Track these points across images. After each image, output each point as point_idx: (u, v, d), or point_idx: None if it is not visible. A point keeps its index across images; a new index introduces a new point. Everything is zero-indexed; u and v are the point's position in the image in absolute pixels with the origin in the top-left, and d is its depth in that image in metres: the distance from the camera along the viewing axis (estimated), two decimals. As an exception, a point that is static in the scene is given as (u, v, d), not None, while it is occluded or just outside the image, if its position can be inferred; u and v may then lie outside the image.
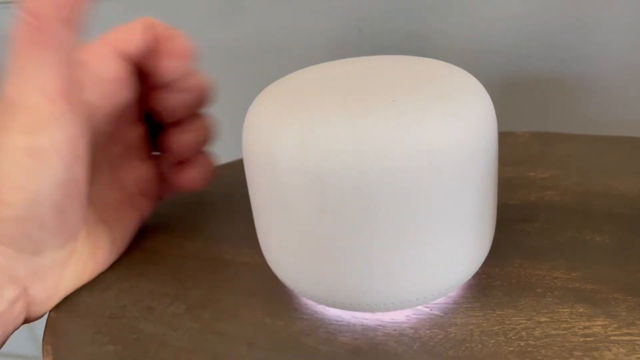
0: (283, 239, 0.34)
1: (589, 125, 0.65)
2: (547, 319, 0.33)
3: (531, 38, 0.62)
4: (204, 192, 0.52)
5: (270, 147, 0.32)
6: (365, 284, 0.33)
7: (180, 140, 0.45)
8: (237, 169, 0.41)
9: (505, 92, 0.65)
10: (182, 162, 0.46)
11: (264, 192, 0.33)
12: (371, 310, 0.34)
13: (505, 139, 0.55)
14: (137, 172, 0.46)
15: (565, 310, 0.34)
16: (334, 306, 0.35)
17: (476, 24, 0.63)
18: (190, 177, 0.46)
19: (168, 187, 0.48)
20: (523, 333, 0.33)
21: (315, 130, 0.30)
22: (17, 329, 0.36)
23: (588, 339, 0.32)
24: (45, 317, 0.39)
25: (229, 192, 0.51)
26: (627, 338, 0.31)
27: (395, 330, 0.34)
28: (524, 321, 0.34)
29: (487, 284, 0.37)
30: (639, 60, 0.60)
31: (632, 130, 0.63)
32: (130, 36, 0.40)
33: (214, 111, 0.75)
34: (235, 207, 0.49)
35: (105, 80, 0.39)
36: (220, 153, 0.63)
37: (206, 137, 0.47)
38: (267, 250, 0.37)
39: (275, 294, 0.38)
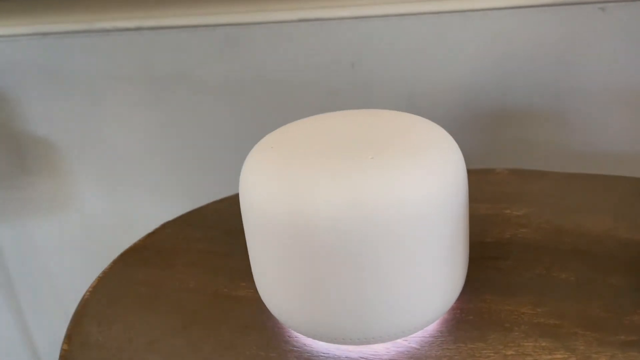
0: (275, 280, 0.38)
1: (568, 158, 0.68)
2: (513, 352, 0.37)
3: (514, 76, 0.66)
4: (204, 227, 0.56)
5: (264, 203, 0.36)
6: (349, 321, 0.36)
7: None
8: (235, 203, 0.44)
9: (487, 127, 0.69)
10: None
11: (258, 239, 0.37)
12: (355, 343, 0.38)
13: (484, 175, 0.59)
14: None
15: (530, 344, 0.38)
16: (321, 340, 0.39)
17: (461, 62, 0.67)
18: None
19: None
20: (490, 365, 0.36)
21: (303, 185, 0.34)
22: None
23: (548, 371, 0.35)
24: (58, 349, 0.42)
25: (227, 227, 0.55)
26: (583, 370, 0.35)
27: (376, 362, 0.38)
28: (493, 354, 0.37)
29: (460, 318, 0.41)
30: (617, 96, 0.64)
31: (610, 163, 0.67)
32: None
33: (213, 145, 0.79)
34: (233, 241, 0.53)
35: None
36: (220, 187, 0.67)
37: None
38: (261, 287, 0.40)
39: (268, 328, 0.42)
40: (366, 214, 0.33)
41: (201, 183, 0.83)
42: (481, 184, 0.59)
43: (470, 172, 0.61)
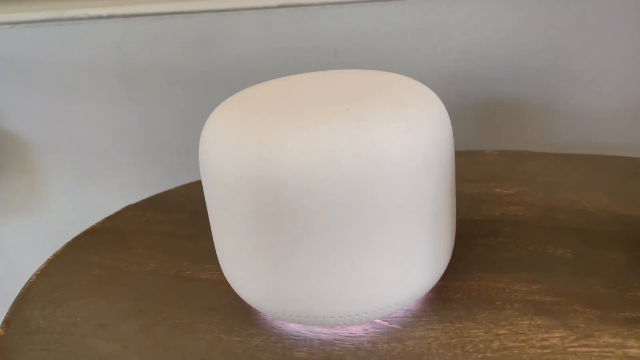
0: (238, 252, 0.33)
1: (557, 146, 0.65)
2: (506, 331, 0.33)
3: (502, 63, 0.63)
4: (168, 210, 0.52)
5: (223, 158, 0.31)
6: (319, 296, 0.32)
7: None
8: (201, 188, 0.40)
9: (476, 114, 0.66)
10: None
11: (219, 204, 0.33)
12: (328, 324, 0.33)
13: (474, 157, 0.56)
14: None
15: (524, 322, 0.34)
16: (291, 320, 0.34)
17: (449, 48, 0.64)
18: None
19: None
20: (481, 345, 0.32)
21: (267, 140, 0.30)
22: None
23: (545, 350, 0.31)
24: (-5, 335, 0.38)
25: (193, 210, 0.51)
26: (585, 350, 0.31)
27: (352, 344, 0.34)
28: (482, 334, 0.33)
29: (447, 297, 0.36)
30: (605, 84, 0.61)
31: (597, 151, 0.64)
32: None
33: (191, 138, 0.75)
34: (200, 224, 0.48)
35: None
36: (191, 174, 0.63)
37: None
38: (224, 264, 0.36)
39: (234, 311, 0.37)
40: (339, 170, 0.29)
41: (180, 179, 0.79)
42: (470, 164, 0.55)
43: (459, 154, 0.57)
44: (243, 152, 0.31)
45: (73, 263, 0.44)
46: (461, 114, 0.66)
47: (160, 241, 0.47)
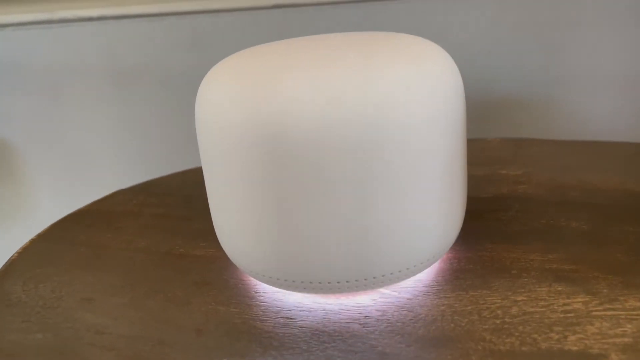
0: (237, 212, 0.31)
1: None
2: (524, 298, 0.31)
3: (498, 63, 0.61)
4: (160, 194, 0.49)
5: (222, 109, 0.29)
6: (322, 257, 0.30)
7: None
8: (198, 173, 0.38)
9: (473, 114, 0.64)
10: None
11: (217, 161, 0.31)
12: (332, 291, 0.31)
13: (476, 143, 0.54)
14: None
15: (543, 289, 0.31)
16: (293, 288, 0.32)
17: (445, 48, 0.62)
18: None
19: None
20: (499, 312, 0.30)
21: (268, 85, 0.28)
22: None
23: (569, 315, 0.29)
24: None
25: (187, 194, 0.48)
26: (611, 313, 0.29)
27: (360, 313, 0.31)
28: (499, 300, 0.31)
29: (459, 267, 0.34)
30: (604, 82, 0.60)
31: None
32: None
33: (180, 141, 0.73)
34: (192, 206, 0.46)
35: None
36: (187, 162, 0.61)
37: None
38: (221, 230, 0.34)
39: (231, 284, 0.35)
40: (346, 114, 0.27)
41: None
42: (472, 150, 0.53)
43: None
44: (243, 100, 0.29)
45: (58, 242, 0.42)
46: None
47: (152, 222, 0.44)
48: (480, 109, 0.64)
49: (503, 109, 0.64)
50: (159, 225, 0.44)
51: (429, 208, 0.30)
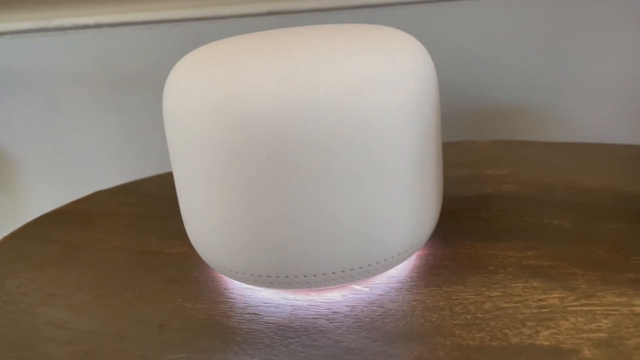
0: (203, 204, 0.30)
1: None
2: (499, 294, 0.30)
3: (494, 69, 0.60)
4: (139, 194, 0.49)
5: (187, 97, 0.29)
6: (289, 250, 0.29)
7: None
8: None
9: (469, 120, 0.64)
10: None
11: (183, 153, 0.30)
12: (300, 286, 0.30)
13: (465, 145, 0.53)
14: None
15: (519, 285, 0.30)
16: (261, 284, 0.31)
17: (440, 54, 0.62)
18: None
19: None
20: (471, 307, 0.29)
21: (233, 73, 0.27)
22: None
23: (543, 310, 0.28)
24: None
25: (166, 195, 0.48)
26: (587, 308, 0.28)
27: (329, 309, 0.30)
28: (473, 296, 0.30)
29: (434, 264, 0.33)
30: (601, 87, 0.59)
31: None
32: None
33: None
34: (170, 206, 0.45)
35: None
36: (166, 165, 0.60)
37: None
38: (189, 224, 0.33)
39: (201, 280, 0.34)
40: (313, 101, 0.26)
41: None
42: (461, 152, 0.52)
43: (450, 144, 0.55)
44: (207, 89, 0.28)
45: (31, 240, 0.41)
46: (453, 120, 0.64)
47: (129, 221, 0.43)
48: (476, 114, 0.63)
49: (499, 115, 0.63)
50: (136, 224, 0.43)
51: (398, 201, 0.29)
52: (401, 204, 0.29)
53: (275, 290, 0.32)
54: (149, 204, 0.46)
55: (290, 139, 0.27)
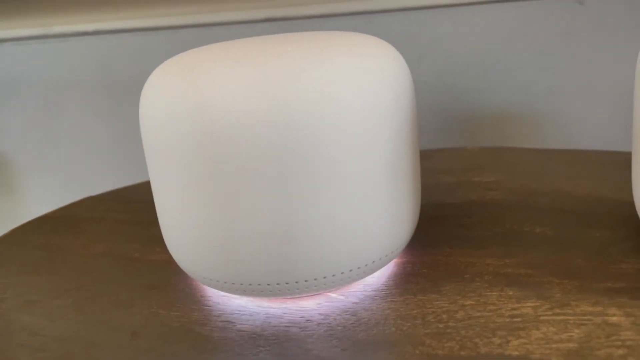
0: (177, 211, 0.30)
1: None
2: (473, 302, 0.29)
3: (489, 74, 0.60)
4: (128, 201, 0.49)
5: (158, 105, 0.29)
6: (262, 258, 0.29)
7: None
8: None
9: (463, 125, 0.63)
10: None
11: (157, 160, 0.30)
12: (275, 294, 0.30)
13: (454, 152, 0.53)
14: None
15: (494, 293, 0.30)
16: (235, 292, 0.31)
17: (435, 59, 0.61)
18: None
19: None
20: (444, 316, 0.29)
21: (202, 80, 0.28)
22: None
23: (515, 319, 0.28)
24: None
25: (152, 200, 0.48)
26: (560, 318, 0.27)
27: (302, 317, 0.30)
28: (447, 305, 0.30)
29: (412, 271, 0.33)
30: (595, 93, 0.59)
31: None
32: None
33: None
34: (156, 213, 0.45)
35: None
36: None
37: None
38: (165, 231, 0.33)
39: (178, 288, 0.34)
40: (279, 108, 0.26)
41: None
42: (450, 158, 0.52)
43: (440, 151, 0.55)
44: (177, 97, 0.28)
45: (15, 245, 0.41)
46: (448, 125, 0.64)
47: (114, 227, 0.44)
48: (471, 120, 0.63)
49: (494, 121, 0.63)
50: (120, 230, 0.43)
51: (371, 208, 0.29)
52: (374, 212, 0.29)
53: (251, 298, 0.32)
54: (137, 210, 0.46)
55: (260, 146, 0.27)
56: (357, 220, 0.29)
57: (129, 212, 0.46)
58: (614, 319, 0.27)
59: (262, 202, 0.28)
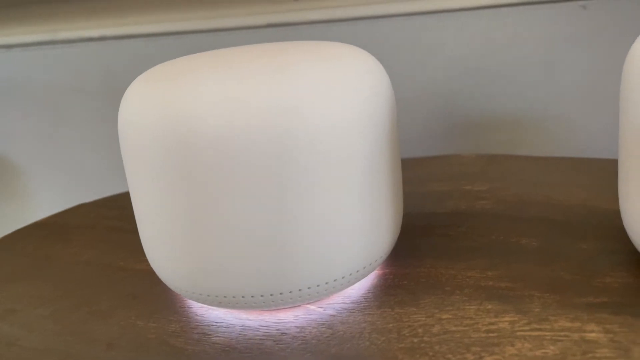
0: (154, 222, 0.30)
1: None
2: (450, 316, 0.29)
3: (492, 78, 0.60)
4: (122, 207, 0.49)
5: (134, 117, 0.29)
6: (237, 271, 0.28)
7: None
8: None
9: (467, 130, 0.63)
10: None
11: (134, 172, 0.30)
12: (251, 307, 0.30)
13: (450, 159, 0.52)
14: None
15: (472, 307, 0.29)
16: (212, 303, 0.30)
17: (438, 64, 0.61)
18: None
19: None
20: (419, 330, 0.28)
21: (176, 90, 0.27)
22: None
23: (491, 334, 0.27)
24: None
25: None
26: (537, 333, 0.27)
27: (278, 330, 0.30)
28: (424, 318, 0.29)
29: (392, 284, 0.33)
30: (599, 98, 0.58)
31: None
32: None
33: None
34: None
35: None
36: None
37: None
38: (145, 242, 0.33)
39: (159, 299, 0.34)
40: (254, 120, 0.26)
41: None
42: (444, 166, 0.52)
43: (434, 158, 0.54)
44: (151, 107, 0.28)
45: (3, 252, 0.41)
46: (452, 130, 0.63)
47: (104, 235, 0.44)
48: (474, 126, 0.62)
49: (498, 127, 0.62)
50: (110, 238, 0.43)
51: (347, 220, 0.29)
52: (351, 223, 0.29)
53: (229, 310, 0.32)
54: (129, 217, 0.46)
55: (234, 159, 0.27)
56: (333, 232, 0.29)
57: (121, 219, 0.46)
58: (592, 335, 0.26)
59: (238, 215, 0.27)
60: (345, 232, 0.29)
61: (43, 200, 0.81)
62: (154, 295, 0.34)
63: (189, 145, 0.27)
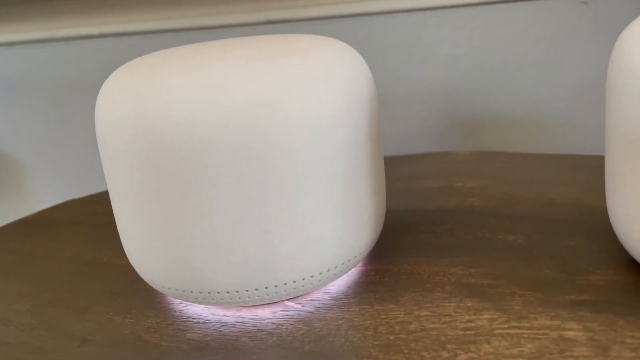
0: (130, 219, 0.30)
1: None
2: (429, 313, 0.28)
3: (491, 76, 0.59)
4: (104, 202, 0.49)
5: (107, 115, 0.28)
6: (212, 267, 0.28)
7: None
8: None
9: (466, 128, 0.62)
10: None
11: (110, 170, 0.30)
12: (229, 303, 0.29)
13: (444, 156, 0.52)
14: None
15: (452, 304, 0.29)
16: (189, 300, 0.30)
17: (437, 62, 0.60)
18: None
19: None
20: (397, 327, 0.28)
21: (146, 87, 0.27)
22: None
23: (468, 332, 0.27)
24: None
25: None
26: (515, 331, 0.26)
27: (254, 326, 0.29)
28: (402, 315, 0.29)
29: (373, 280, 0.32)
30: (597, 97, 0.57)
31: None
32: None
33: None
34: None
35: None
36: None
37: None
38: (123, 237, 0.32)
39: (138, 294, 0.34)
40: (225, 115, 0.26)
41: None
42: (437, 163, 0.51)
43: (430, 155, 0.53)
44: (123, 103, 0.27)
45: (-12, 248, 0.41)
46: (451, 128, 0.63)
47: (89, 231, 0.43)
48: (473, 123, 0.62)
49: (497, 124, 0.61)
50: (95, 234, 0.43)
51: (325, 215, 0.28)
52: (329, 219, 0.29)
53: (206, 306, 0.31)
54: (107, 215, 0.46)
55: (208, 155, 0.26)
56: (310, 227, 0.28)
57: (109, 216, 0.46)
58: (571, 333, 0.26)
59: (214, 210, 0.27)
60: (322, 229, 0.28)
61: (44, 196, 0.81)
62: (134, 292, 0.34)
63: (162, 143, 0.26)
